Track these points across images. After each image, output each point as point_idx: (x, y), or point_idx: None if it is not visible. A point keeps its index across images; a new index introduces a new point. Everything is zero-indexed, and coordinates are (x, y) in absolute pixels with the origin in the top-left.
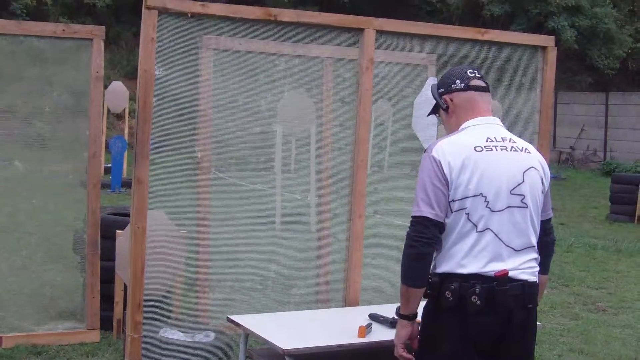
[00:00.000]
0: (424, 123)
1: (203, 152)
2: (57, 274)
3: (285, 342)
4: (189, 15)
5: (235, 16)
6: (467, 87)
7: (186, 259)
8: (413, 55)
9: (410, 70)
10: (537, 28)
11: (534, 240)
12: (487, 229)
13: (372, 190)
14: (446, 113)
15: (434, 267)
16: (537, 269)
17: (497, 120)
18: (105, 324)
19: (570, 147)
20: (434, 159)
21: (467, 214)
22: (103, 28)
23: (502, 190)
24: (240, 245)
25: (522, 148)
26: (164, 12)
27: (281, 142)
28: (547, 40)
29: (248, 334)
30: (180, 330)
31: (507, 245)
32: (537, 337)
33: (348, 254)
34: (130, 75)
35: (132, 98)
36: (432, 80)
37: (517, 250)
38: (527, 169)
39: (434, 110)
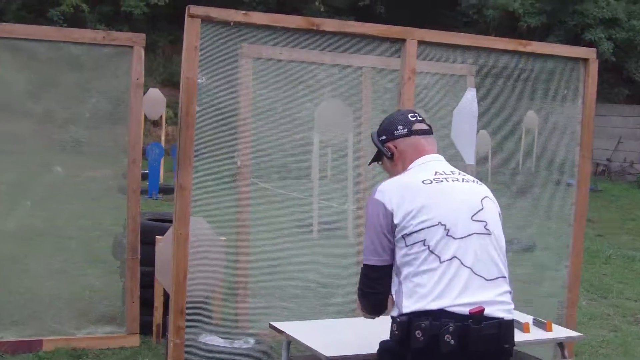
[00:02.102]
0: (463, 134)
1: (243, 160)
2: (96, 278)
3: (328, 349)
4: (232, 23)
5: (277, 25)
6: (411, 132)
7: (226, 265)
8: (452, 66)
9: (449, 81)
10: (574, 40)
11: (504, 270)
12: (453, 257)
13: None
14: (391, 161)
15: (400, 306)
16: (512, 305)
17: (441, 157)
18: (145, 328)
19: (607, 159)
20: (377, 201)
21: (427, 245)
22: (143, 35)
23: (462, 216)
24: (278, 253)
25: (473, 180)
26: (206, 20)
27: (318, 150)
28: (589, 53)
29: (290, 341)
30: (219, 336)
31: (477, 274)
32: (577, 348)
33: None
34: (166, 83)
35: (168, 105)
36: (472, 91)
37: (488, 280)
38: (483, 197)
39: (376, 158)
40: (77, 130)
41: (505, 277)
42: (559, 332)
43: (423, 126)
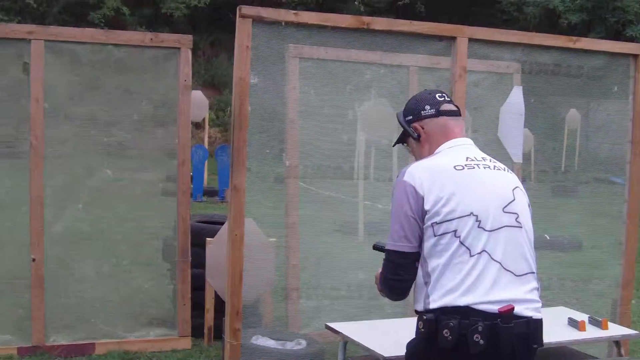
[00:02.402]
0: (510, 132)
1: (291, 161)
2: (146, 281)
3: (385, 349)
4: (283, 23)
5: (328, 24)
6: (439, 113)
7: (276, 266)
8: (498, 64)
9: (496, 79)
10: (615, 36)
11: (533, 266)
12: (482, 251)
13: None
14: (417, 142)
15: (427, 301)
16: (540, 303)
17: (470, 141)
18: (196, 331)
19: None
20: (406, 183)
21: (459, 237)
22: (190, 37)
23: (494, 207)
24: (327, 254)
25: (504, 168)
26: (257, 20)
27: (363, 150)
28: (639, 49)
29: (347, 341)
30: (271, 338)
31: (506, 269)
32: (631, 346)
33: None
34: (207, 85)
35: (210, 107)
36: (518, 89)
37: (517, 276)
38: (515, 188)
39: (401, 140)
40: (122, 133)
41: (534, 272)
42: (615, 330)
43: (451, 107)
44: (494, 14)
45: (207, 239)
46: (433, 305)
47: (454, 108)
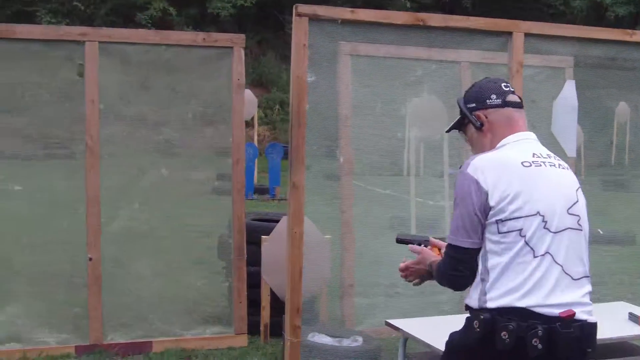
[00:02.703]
0: (563, 126)
1: (345, 158)
2: (200, 279)
3: None
4: (339, 21)
5: (385, 22)
6: (505, 103)
7: (331, 264)
8: (550, 58)
9: (548, 73)
10: None
11: (588, 269)
12: (546, 252)
13: None
14: (479, 131)
15: (483, 299)
16: (592, 307)
17: (534, 136)
18: (252, 328)
19: None
20: (470, 176)
21: (524, 236)
22: (243, 36)
23: (559, 208)
24: (381, 251)
25: (567, 167)
26: (314, 19)
27: (413, 146)
28: None
29: (407, 338)
30: (327, 335)
31: (565, 273)
32: None
33: None
34: (255, 83)
35: (259, 105)
36: (571, 83)
37: (575, 279)
38: (577, 188)
39: (457, 126)
40: (173, 132)
41: (589, 276)
42: None
43: (516, 98)
44: (540, 8)
45: (263, 236)
46: (490, 304)
47: (519, 100)
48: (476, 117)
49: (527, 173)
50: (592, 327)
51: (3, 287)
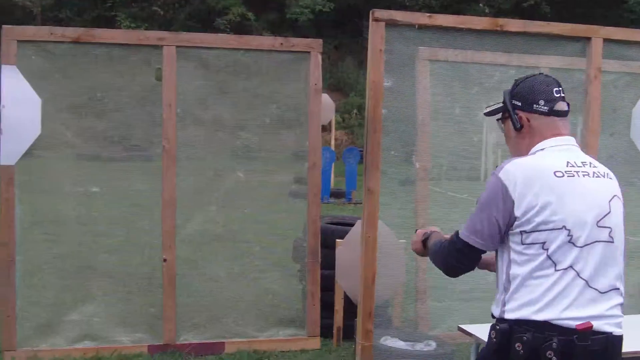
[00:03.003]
0: None
1: (421, 163)
2: (275, 281)
3: None
4: (416, 26)
5: (463, 27)
6: (551, 112)
7: (406, 268)
8: (631, 64)
9: (627, 79)
10: None
11: (620, 282)
12: (569, 267)
13: None
14: (518, 132)
15: (502, 309)
16: (622, 319)
17: (573, 141)
18: (325, 331)
19: None
20: (501, 181)
21: (546, 249)
22: (320, 41)
23: (588, 222)
24: None
25: (604, 174)
26: (391, 24)
27: (490, 151)
28: None
29: (480, 344)
30: (400, 339)
31: (591, 287)
32: None
33: None
34: (333, 88)
35: (336, 110)
36: None
37: (602, 293)
38: (612, 198)
39: (496, 113)
40: (251, 136)
41: (619, 289)
42: None
43: (564, 107)
44: (620, 14)
45: (337, 240)
46: (509, 315)
47: (566, 108)
48: (518, 118)
49: (559, 184)
50: (617, 340)
51: (81, 286)
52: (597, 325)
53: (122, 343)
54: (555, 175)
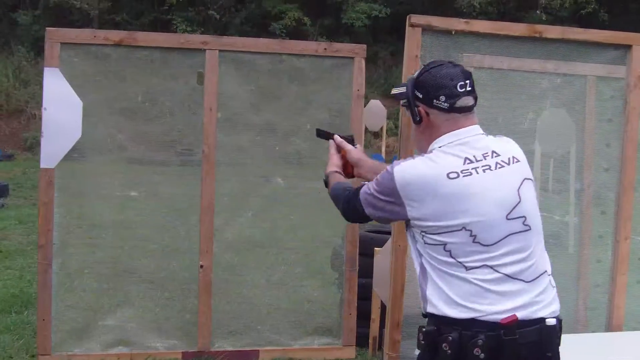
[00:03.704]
0: None
1: None
2: (315, 289)
3: None
4: (453, 32)
5: (500, 33)
6: (452, 109)
7: None
8: None
9: None
10: None
11: (545, 264)
12: (482, 265)
13: None
14: (417, 126)
15: (426, 303)
16: (556, 303)
17: (478, 129)
18: (361, 340)
19: None
20: (393, 185)
21: (449, 251)
22: (364, 47)
23: (495, 219)
24: None
25: (509, 159)
26: (427, 29)
27: (540, 161)
28: None
29: None
30: None
31: (515, 278)
32: None
33: (612, 278)
34: (387, 94)
35: (388, 117)
36: None
37: (528, 282)
38: (521, 184)
39: (402, 98)
40: (293, 141)
41: (546, 271)
42: None
43: (469, 102)
44: None
45: (376, 248)
46: (431, 309)
47: (471, 103)
48: (418, 111)
49: (453, 187)
50: (551, 330)
51: (117, 291)
52: (526, 313)
53: (156, 349)
54: (449, 177)
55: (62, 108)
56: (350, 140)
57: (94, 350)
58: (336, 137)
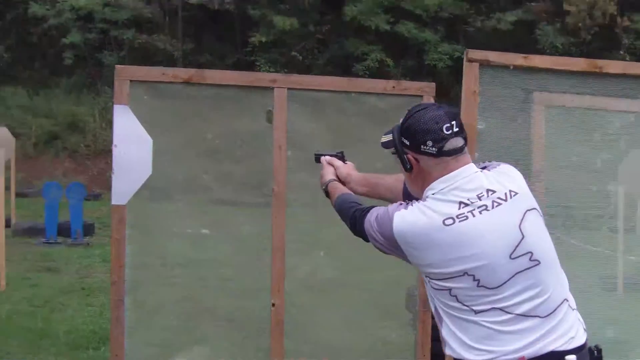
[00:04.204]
0: None
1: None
2: (391, 331)
3: None
4: (511, 67)
5: (560, 68)
6: (440, 153)
7: None
8: None
9: None
10: None
11: (564, 292)
12: (491, 308)
13: None
14: (409, 173)
15: (445, 345)
16: (575, 330)
17: (471, 168)
18: None
19: None
20: (393, 233)
21: (455, 296)
22: (433, 85)
23: (497, 260)
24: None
25: (505, 194)
26: (485, 64)
27: (622, 202)
28: None
29: None
30: None
31: (527, 316)
32: None
33: None
34: None
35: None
36: None
37: (543, 317)
38: (522, 218)
39: (390, 146)
40: None
41: (565, 299)
42: None
43: (458, 143)
44: None
45: None
46: (449, 352)
47: (461, 144)
48: (407, 159)
49: (450, 233)
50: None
51: (188, 329)
52: (535, 349)
53: None
54: (445, 224)
55: (132, 145)
56: (341, 157)
57: None
58: (324, 157)
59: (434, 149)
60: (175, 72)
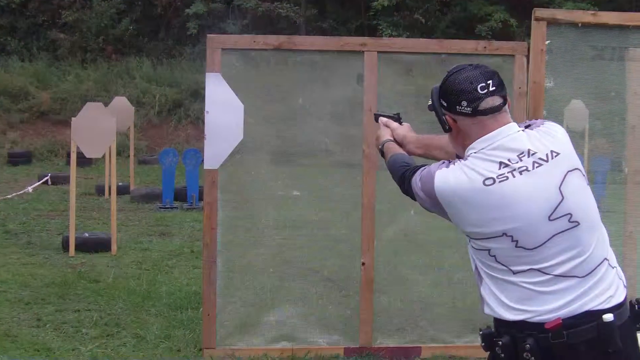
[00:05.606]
0: None
1: (630, 167)
2: (474, 287)
3: None
4: (579, 25)
5: (629, 24)
6: (475, 113)
7: None
8: None
9: None
10: None
11: (603, 252)
12: (529, 269)
13: None
14: (450, 134)
15: (483, 303)
16: (614, 289)
17: (512, 128)
18: None
19: None
20: (434, 193)
21: (494, 256)
22: (525, 44)
23: (536, 222)
24: None
25: (547, 155)
26: (553, 22)
27: None
28: None
29: None
30: None
31: (565, 277)
32: None
33: None
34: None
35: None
36: None
37: (582, 277)
38: (564, 179)
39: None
40: None
41: (605, 258)
42: None
43: (494, 102)
44: None
45: None
46: (488, 311)
47: (498, 103)
48: (445, 119)
49: (490, 194)
50: (607, 326)
51: (279, 288)
52: (572, 309)
53: (318, 344)
54: (485, 184)
55: (224, 111)
56: (397, 119)
57: (257, 345)
58: (381, 118)
59: (468, 108)
60: (265, 39)
